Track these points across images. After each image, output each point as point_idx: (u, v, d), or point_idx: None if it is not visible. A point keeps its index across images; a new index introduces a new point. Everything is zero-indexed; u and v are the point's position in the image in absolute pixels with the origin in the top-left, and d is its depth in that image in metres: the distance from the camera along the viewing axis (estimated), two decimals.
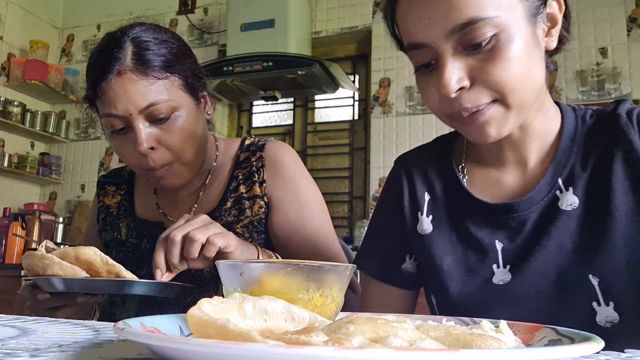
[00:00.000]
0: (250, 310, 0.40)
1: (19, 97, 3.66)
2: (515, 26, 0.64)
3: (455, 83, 0.64)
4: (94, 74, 0.91)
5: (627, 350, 0.49)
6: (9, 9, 3.69)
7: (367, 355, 0.27)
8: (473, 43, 0.63)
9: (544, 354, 0.29)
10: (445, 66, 0.64)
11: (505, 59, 0.63)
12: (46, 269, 0.74)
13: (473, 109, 0.65)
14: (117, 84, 0.88)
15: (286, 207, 1.00)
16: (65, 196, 3.83)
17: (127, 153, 0.93)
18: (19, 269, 2.97)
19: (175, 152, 0.92)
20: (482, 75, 0.64)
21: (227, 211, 1.01)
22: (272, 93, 3.29)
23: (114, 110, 0.89)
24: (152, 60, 0.90)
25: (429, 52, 0.66)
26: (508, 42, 0.63)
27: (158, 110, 0.89)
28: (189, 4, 3.66)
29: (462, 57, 0.64)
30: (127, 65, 0.89)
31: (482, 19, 0.62)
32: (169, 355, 0.33)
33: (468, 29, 0.62)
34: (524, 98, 0.66)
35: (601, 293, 0.66)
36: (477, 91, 0.65)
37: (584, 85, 2.77)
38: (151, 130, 0.90)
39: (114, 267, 0.75)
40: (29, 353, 0.39)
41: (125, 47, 0.90)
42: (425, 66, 0.68)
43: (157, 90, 0.90)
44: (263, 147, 1.05)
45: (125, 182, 1.15)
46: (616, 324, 0.66)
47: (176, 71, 0.93)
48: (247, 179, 1.03)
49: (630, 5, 2.76)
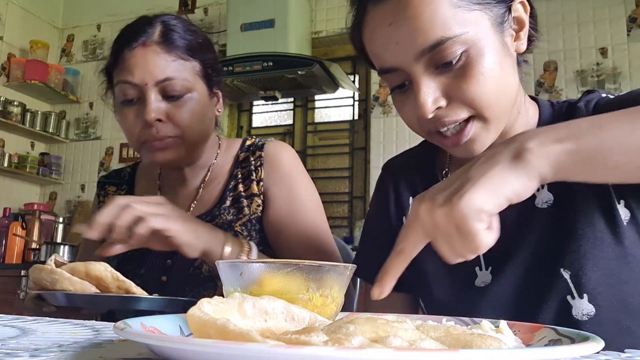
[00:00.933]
0: (250, 310, 0.40)
1: (19, 97, 3.66)
2: (483, 39, 0.63)
3: (431, 104, 0.64)
4: (119, 42, 0.95)
5: (627, 350, 0.49)
6: (9, 9, 3.69)
7: (367, 355, 0.27)
8: (444, 62, 0.63)
9: (544, 354, 0.29)
10: (420, 88, 0.64)
11: (478, 74, 0.63)
12: (55, 284, 0.74)
13: (451, 123, 0.65)
14: (139, 53, 0.92)
15: (278, 202, 1.01)
16: (65, 196, 3.83)
17: (131, 123, 0.94)
18: (19, 269, 2.97)
19: (181, 129, 0.94)
20: (457, 93, 0.64)
21: (226, 209, 1.01)
22: (272, 93, 3.29)
23: (131, 77, 0.92)
24: (177, 41, 0.95)
25: (401, 74, 0.66)
26: (479, 57, 0.63)
27: (173, 86, 0.92)
28: (189, 4, 3.66)
29: (435, 77, 0.64)
30: (153, 39, 0.93)
31: (450, 38, 0.61)
32: (169, 355, 0.33)
33: (437, 49, 0.62)
34: (501, 109, 0.66)
35: (574, 286, 0.67)
36: (454, 108, 0.65)
37: (584, 85, 2.77)
38: (162, 104, 0.92)
39: (123, 283, 0.75)
40: (29, 353, 0.39)
41: (155, 25, 0.95)
42: (400, 87, 0.68)
43: (177, 68, 0.93)
44: (262, 146, 1.06)
45: (126, 182, 1.15)
46: (593, 316, 0.66)
47: (197, 58, 0.97)
48: (245, 178, 1.04)
49: (630, 5, 2.76)
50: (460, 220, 0.49)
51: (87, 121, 3.87)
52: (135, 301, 0.75)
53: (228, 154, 1.09)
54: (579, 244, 0.67)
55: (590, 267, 0.66)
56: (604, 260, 0.66)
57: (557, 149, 0.50)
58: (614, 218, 0.67)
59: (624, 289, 0.66)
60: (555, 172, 0.51)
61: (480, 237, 0.49)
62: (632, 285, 0.66)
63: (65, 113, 3.93)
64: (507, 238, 0.73)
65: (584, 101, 0.74)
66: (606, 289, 0.66)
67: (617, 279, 0.66)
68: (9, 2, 3.68)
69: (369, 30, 0.68)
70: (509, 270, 0.71)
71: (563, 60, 2.82)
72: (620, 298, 0.66)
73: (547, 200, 0.71)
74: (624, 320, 0.66)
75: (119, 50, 0.94)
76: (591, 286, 0.66)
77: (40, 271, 0.75)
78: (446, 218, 0.49)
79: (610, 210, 0.67)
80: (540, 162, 0.50)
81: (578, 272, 0.67)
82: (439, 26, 0.61)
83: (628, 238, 0.67)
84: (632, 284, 0.66)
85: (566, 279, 0.68)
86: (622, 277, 0.66)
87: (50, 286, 0.74)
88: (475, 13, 0.63)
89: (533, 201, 0.72)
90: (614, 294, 0.66)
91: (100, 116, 3.83)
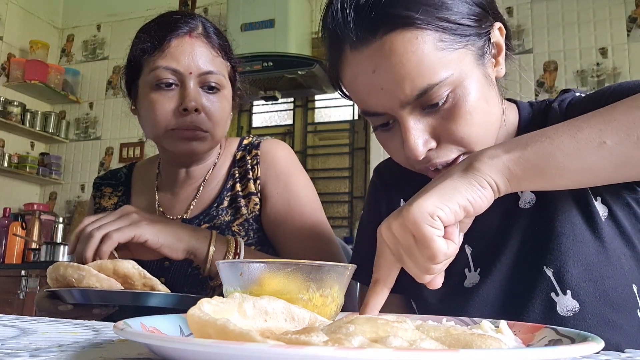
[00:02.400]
0: (250, 310, 0.40)
1: (19, 97, 3.66)
2: (468, 77, 0.63)
3: (422, 146, 0.63)
4: (161, 28, 0.95)
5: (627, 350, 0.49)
6: (9, 9, 3.69)
7: (367, 355, 0.27)
8: (430, 104, 0.62)
9: (544, 354, 0.29)
10: (409, 132, 0.63)
11: (466, 114, 0.62)
12: (82, 281, 0.74)
13: (442, 164, 0.65)
14: (187, 42, 0.94)
15: (274, 198, 1.01)
16: (65, 196, 3.83)
17: (164, 109, 0.93)
18: (19, 269, 2.97)
19: (213, 123, 0.95)
20: (446, 134, 0.64)
21: (223, 210, 1.01)
22: (272, 93, 3.29)
23: (175, 64, 0.93)
24: (217, 39, 0.99)
25: (386, 116, 0.65)
26: (465, 96, 0.62)
27: (213, 79, 0.95)
28: (189, 4, 3.66)
29: (422, 117, 0.64)
30: (199, 32, 0.97)
31: (436, 84, 0.60)
32: (169, 355, 0.33)
33: (424, 96, 0.61)
34: (489, 139, 0.67)
35: (557, 283, 0.68)
36: (444, 149, 0.65)
37: (584, 85, 2.77)
38: (201, 95, 0.95)
39: (150, 281, 0.76)
40: (29, 353, 0.39)
41: (196, 19, 0.99)
42: (382, 127, 0.68)
43: (218, 63, 0.97)
44: (258, 145, 1.06)
45: (122, 183, 1.14)
46: (577, 312, 0.67)
47: (229, 59, 1.02)
48: (242, 177, 1.04)
49: (630, 5, 2.76)
50: (414, 227, 0.49)
51: (87, 121, 3.87)
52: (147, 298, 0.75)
53: (227, 154, 1.09)
54: (559, 242, 0.68)
55: (571, 263, 0.67)
56: (585, 256, 0.68)
57: (505, 157, 0.52)
58: (592, 215, 0.68)
59: (606, 283, 0.67)
60: (507, 179, 0.52)
61: (435, 242, 0.49)
62: (614, 280, 0.67)
63: (65, 113, 3.93)
64: (493, 239, 0.74)
65: (558, 101, 0.74)
66: (588, 284, 0.67)
67: (598, 274, 0.67)
68: (9, 2, 3.68)
69: (350, 75, 0.66)
70: (496, 270, 0.73)
71: (563, 60, 2.82)
72: (603, 293, 0.67)
73: (530, 200, 0.73)
74: (608, 315, 0.67)
75: (162, 36, 0.94)
76: (574, 282, 0.67)
77: (66, 268, 0.75)
78: (402, 228, 0.50)
79: (587, 208, 0.68)
80: (490, 171, 0.52)
81: (560, 269, 0.68)
82: (426, 73, 0.60)
83: (607, 233, 0.68)
84: (614, 279, 0.67)
85: (549, 276, 0.69)
86: (603, 272, 0.67)
87: (76, 283, 0.75)
88: (458, 52, 0.62)
89: (517, 202, 0.73)
90: (596, 289, 0.67)
91: (100, 116, 3.83)
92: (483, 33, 0.65)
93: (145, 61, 0.96)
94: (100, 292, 0.74)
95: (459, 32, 0.62)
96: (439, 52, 0.61)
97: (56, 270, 0.76)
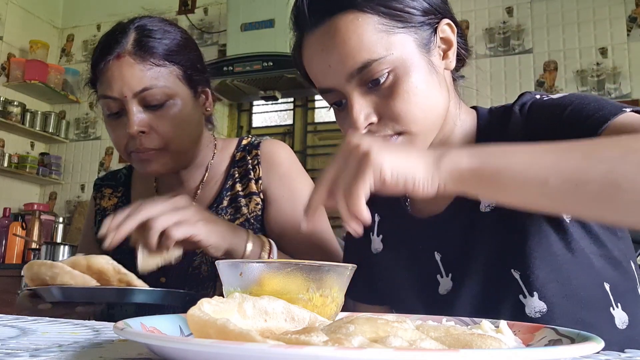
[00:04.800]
0: (250, 311, 0.40)
1: (19, 97, 3.66)
2: (409, 60, 0.68)
3: (363, 120, 0.69)
4: (96, 56, 0.95)
5: (627, 350, 0.49)
6: (9, 9, 3.69)
7: (367, 355, 0.27)
8: (372, 80, 0.68)
9: (544, 354, 0.29)
10: (353, 105, 0.69)
11: (404, 92, 0.67)
12: (56, 278, 0.73)
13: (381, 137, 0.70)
14: (114, 66, 0.91)
15: (280, 202, 1.01)
16: (65, 196, 3.83)
17: (118, 135, 0.95)
18: (19, 269, 2.96)
19: (165, 140, 0.93)
20: (386, 110, 0.69)
21: (223, 210, 1.01)
22: (272, 93, 3.29)
23: (110, 92, 0.92)
24: (152, 48, 0.93)
25: (337, 94, 0.72)
26: (405, 76, 0.68)
27: (152, 95, 0.91)
28: (189, 4, 3.66)
29: (367, 95, 0.69)
30: (127, 50, 0.92)
31: (375, 60, 0.67)
32: (169, 355, 0.33)
33: (365, 70, 0.67)
34: (428, 124, 0.70)
35: (524, 285, 0.69)
36: (383, 124, 0.70)
37: (584, 85, 2.77)
38: (144, 115, 0.92)
39: (125, 276, 0.75)
40: (29, 353, 0.39)
41: (128, 34, 0.94)
42: (337, 104, 0.74)
43: (153, 76, 0.92)
44: (259, 145, 1.06)
45: (122, 184, 1.15)
46: (545, 312, 0.68)
47: (176, 61, 0.95)
48: (243, 177, 1.04)
49: (630, 5, 2.76)
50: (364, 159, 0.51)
51: (87, 121, 3.87)
52: (133, 294, 0.74)
53: (224, 154, 1.08)
54: (524, 243, 0.69)
55: (537, 265, 0.68)
56: (550, 256, 0.69)
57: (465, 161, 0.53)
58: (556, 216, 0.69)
59: (574, 283, 0.68)
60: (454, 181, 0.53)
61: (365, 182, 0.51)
62: (583, 279, 0.68)
63: (65, 113, 3.93)
64: (461, 244, 0.76)
65: (518, 104, 0.76)
66: (555, 285, 0.68)
67: (564, 275, 0.68)
68: (9, 2, 3.67)
69: (307, 55, 0.74)
70: (467, 276, 0.74)
71: (563, 60, 2.82)
72: (571, 292, 0.68)
73: (489, 204, 0.74)
74: (578, 314, 0.68)
75: (97, 64, 0.94)
76: (540, 283, 0.68)
77: (39, 266, 0.74)
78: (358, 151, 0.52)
79: None
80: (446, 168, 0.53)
81: (526, 271, 0.69)
82: (365, 50, 0.67)
83: (573, 233, 0.69)
84: (582, 278, 0.68)
85: (516, 278, 0.69)
86: (570, 273, 0.68)
87: (50, 281, 0.73)
88: (399, 36, 0.68)
89: (478, 206, 0.74)
90: (563, 289, 0.68)
91: (100, 116, 3.82)
92: (427, 24, 0.71)
93: (97, 88, 0.97)
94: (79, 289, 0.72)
95: (401, 19, 0.69)
96: (379, 33, 0.67)
97: (30, 269, 0.75)
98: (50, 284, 0.73)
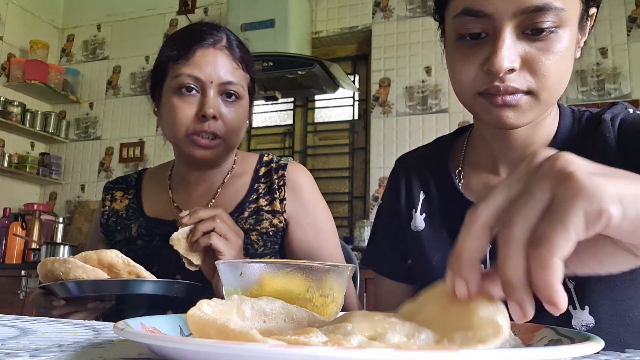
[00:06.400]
0: (248, 312, 0.40)
1: (19, 97, 3.66)
2: (570, 25, 0.64)
3: (508, 62, 0.62)
4: (187, 38, 1.02)
5: (628, 350, 0.49)
6: (9, 9, 3.69)
7: (367, 355, 0.27)
8: (535, 28, 0.62)
9: (544, 354, 0.29)
10: (504, 43, 0.62)
11: (557, 53, 0.63)
12: (69, 273, 0.76)
13: (511, 88, 0.64)
14: (211, 53, 1.00)
15: (305, 229, 1.07)
16: (65, 196, 3.83)
17: (185, 114, 0.99)
18: (19, 269, 2.97)
19: (228, 130, 1.01)
20: (532, 63, 0.63)
21: (243, 219, 1.05)
22: (272, 93, 3.29)
23: (198, 72, 0.98)
24: (239, 52, 1.05)
25: (486, 23, 0.64)
26: (563, 38, 0.63)
27: (233, 89, 1.01)
28: (189, 4, 3.66)
29: (519, 39, 0.63)
30: (223, 44, 1.03)
31: (552, 9, 0.61)
32: (169, 355, 0.33)
33: (537, 14, 0.61)
34: (554, 97, 0.67)
35: (576, 297, 0.68)
36: (521, 76, 0.64)
37: (584, 85, 2.77)
38: (219, 103, 1.00)
39: (134, 268, 0.79)
40: (29, 353, 0.39)
41: (221, 31, 1.05)
42: (472, 37, 0.66)
43: (239, 75, 1.04)
44: (285, 166, 1.11)
45: (133, 187, 1.19)
46: (591, 327, 0.67)
47: (249, 71, 1.08)
48: (267, 194, 1.08)
49: (630, 5, 2.76)
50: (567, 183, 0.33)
51: (87, 121, 3.87)
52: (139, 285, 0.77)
53: (245, 165, 1.13)
54: None
55: (594, 279, 0.66)
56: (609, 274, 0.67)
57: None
58: None
59: (626, 303, 0.67)
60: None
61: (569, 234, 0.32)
62: (635, 301, 0.67)
63: (65, 113, 3.93)
64: None
65: (609, 113, 0.73)
66: (608, 302, 0.67)
67: (619, 293, 0.67)
68: (9, 2, 3.68)
69: None
70: None
71: None
72: (621, 312, 0.67)
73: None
74: (622, 334, 0.67)
75: (188, 45, 1.00)
76: (594, 298, 0.67)
77: (53, 262, 0.77)
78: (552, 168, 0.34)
79: None
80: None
81: (582, 283, 0.67)
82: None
83: None
84: (635, 300, 0.67)
85: (570, 289, 0.68)
86: (625, 292, 0.67)
87: (64, 276, 0.76)
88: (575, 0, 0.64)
89: None
90: (615, 307, 0.67)
91: (100, 116, 3.83)
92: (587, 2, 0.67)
93: (170, 68, 1.02)
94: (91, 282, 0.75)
95: None
96: None
97: (44, 266, 0.78)
98: (64, 279, 0.76)
